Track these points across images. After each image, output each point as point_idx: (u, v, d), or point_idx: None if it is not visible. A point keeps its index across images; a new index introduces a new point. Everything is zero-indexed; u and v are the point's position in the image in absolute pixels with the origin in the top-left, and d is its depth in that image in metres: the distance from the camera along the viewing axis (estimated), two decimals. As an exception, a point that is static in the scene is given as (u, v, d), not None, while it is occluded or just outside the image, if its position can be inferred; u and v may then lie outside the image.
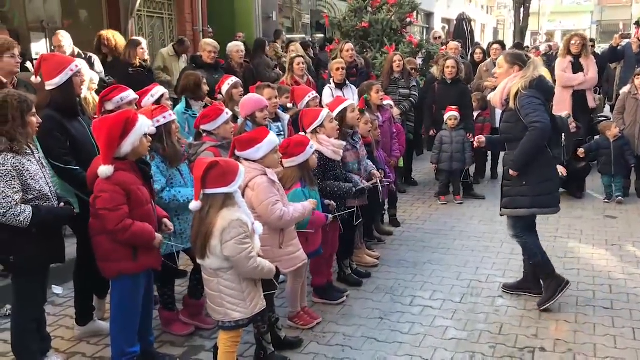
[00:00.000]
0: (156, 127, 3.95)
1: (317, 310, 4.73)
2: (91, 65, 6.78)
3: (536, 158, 4.59)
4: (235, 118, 5.05)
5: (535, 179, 4.64)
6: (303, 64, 7.54)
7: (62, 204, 3.65)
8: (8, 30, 7.30)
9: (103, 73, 7.17)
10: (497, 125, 5.22)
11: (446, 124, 7.79)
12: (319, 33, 17.18)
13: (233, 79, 5.79)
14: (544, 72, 4.67)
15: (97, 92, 4.68)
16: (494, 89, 8.90)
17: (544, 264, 4.82)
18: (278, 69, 10.12)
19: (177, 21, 11.94)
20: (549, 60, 13.36)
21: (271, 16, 15.20)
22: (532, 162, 4.60)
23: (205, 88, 5.55)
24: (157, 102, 4.79)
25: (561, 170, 7.76)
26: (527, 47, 21.67)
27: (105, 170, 3.40)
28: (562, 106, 8.64)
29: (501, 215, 4.89)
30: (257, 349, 3.97)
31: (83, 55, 6.89)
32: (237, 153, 3.87)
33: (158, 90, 4.88)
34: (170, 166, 4.12)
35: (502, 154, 5.62)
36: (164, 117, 4.05)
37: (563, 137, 4.70)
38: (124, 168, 3.49)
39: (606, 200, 7.88)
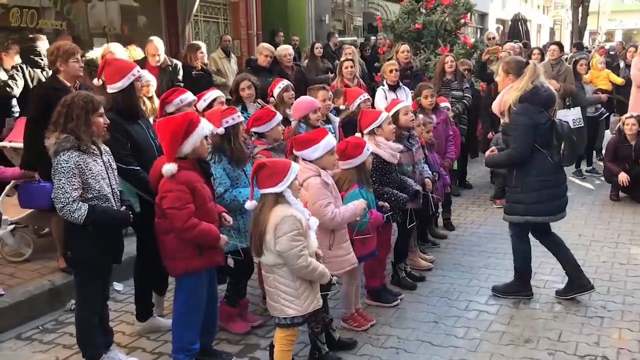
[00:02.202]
0: (224, 128, 4.01)
1: (371, 312, 4.72)
2: (177, 72, 7.00)
3: (532, 166, 4.63)
4: (285, 120, 5.08)
5: (530, 187, 4.68)
6: (352, 67, 7.47)
7: (123, 207, 3.73)
8: (72, 36, 7.61)
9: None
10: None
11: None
12: (371, 35, 17.16)
13: (284, 83, 5.77)
14: (544, 79, 4.64)
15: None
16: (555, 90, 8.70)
17: (521, 274, 4.98)
18: (330, 73, 10.12)
19: (232, 25, 12.15)
20: (612, 59, 12.94)
21: (324, 19, 15.32)
22: (529, 171, 4.65)
23: (249, 92, 5.59)
24: (210, 106, 4.86)
25: (622, 178, 7.56)
26: (587, 47, 21.06)
27: (169, 167, 3.48)
28: (639, 107, 8.32)
29: (503, 219, 4.99)
30: (312, 349, 3.99)
31: (169, 63, 7.08)
32: (295, 152, 3.93)
33: (210, 95, 4.94)
34: (236, 167, 4.17)
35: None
36: (233, 119, 4.09)
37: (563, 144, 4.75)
38: (187, 167, 3.57)
39: (672, 206, 7.56)
